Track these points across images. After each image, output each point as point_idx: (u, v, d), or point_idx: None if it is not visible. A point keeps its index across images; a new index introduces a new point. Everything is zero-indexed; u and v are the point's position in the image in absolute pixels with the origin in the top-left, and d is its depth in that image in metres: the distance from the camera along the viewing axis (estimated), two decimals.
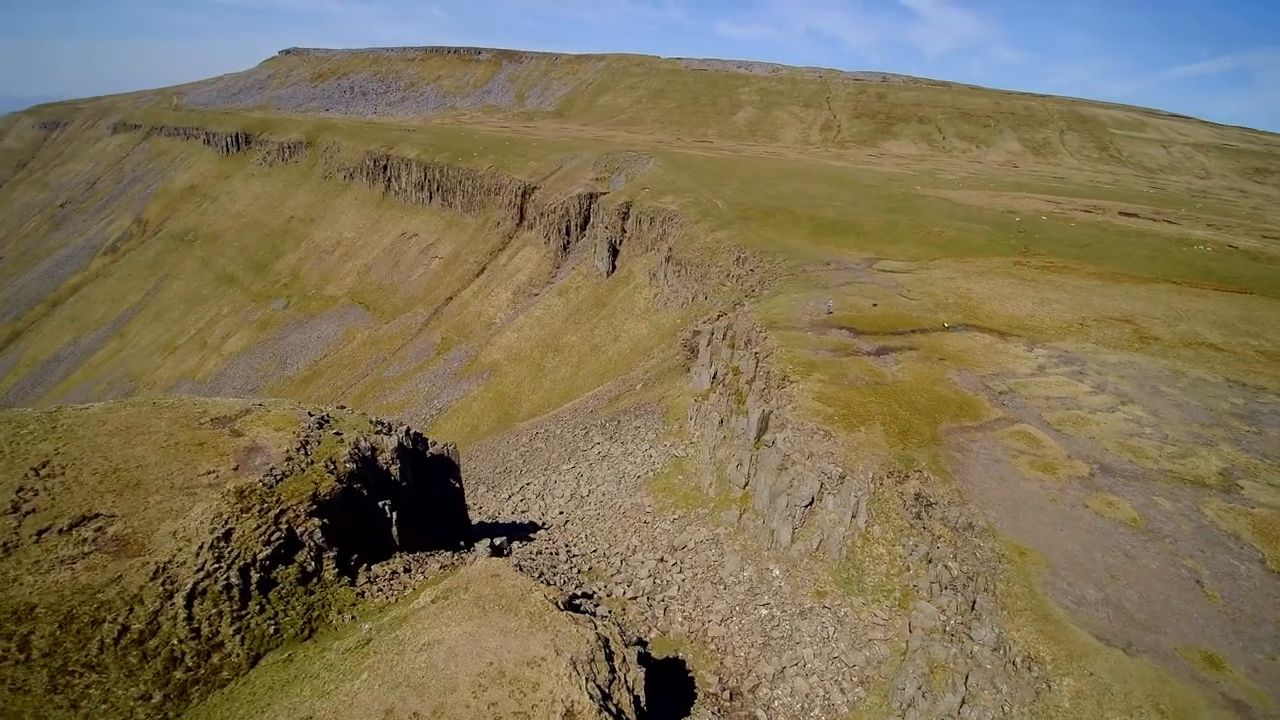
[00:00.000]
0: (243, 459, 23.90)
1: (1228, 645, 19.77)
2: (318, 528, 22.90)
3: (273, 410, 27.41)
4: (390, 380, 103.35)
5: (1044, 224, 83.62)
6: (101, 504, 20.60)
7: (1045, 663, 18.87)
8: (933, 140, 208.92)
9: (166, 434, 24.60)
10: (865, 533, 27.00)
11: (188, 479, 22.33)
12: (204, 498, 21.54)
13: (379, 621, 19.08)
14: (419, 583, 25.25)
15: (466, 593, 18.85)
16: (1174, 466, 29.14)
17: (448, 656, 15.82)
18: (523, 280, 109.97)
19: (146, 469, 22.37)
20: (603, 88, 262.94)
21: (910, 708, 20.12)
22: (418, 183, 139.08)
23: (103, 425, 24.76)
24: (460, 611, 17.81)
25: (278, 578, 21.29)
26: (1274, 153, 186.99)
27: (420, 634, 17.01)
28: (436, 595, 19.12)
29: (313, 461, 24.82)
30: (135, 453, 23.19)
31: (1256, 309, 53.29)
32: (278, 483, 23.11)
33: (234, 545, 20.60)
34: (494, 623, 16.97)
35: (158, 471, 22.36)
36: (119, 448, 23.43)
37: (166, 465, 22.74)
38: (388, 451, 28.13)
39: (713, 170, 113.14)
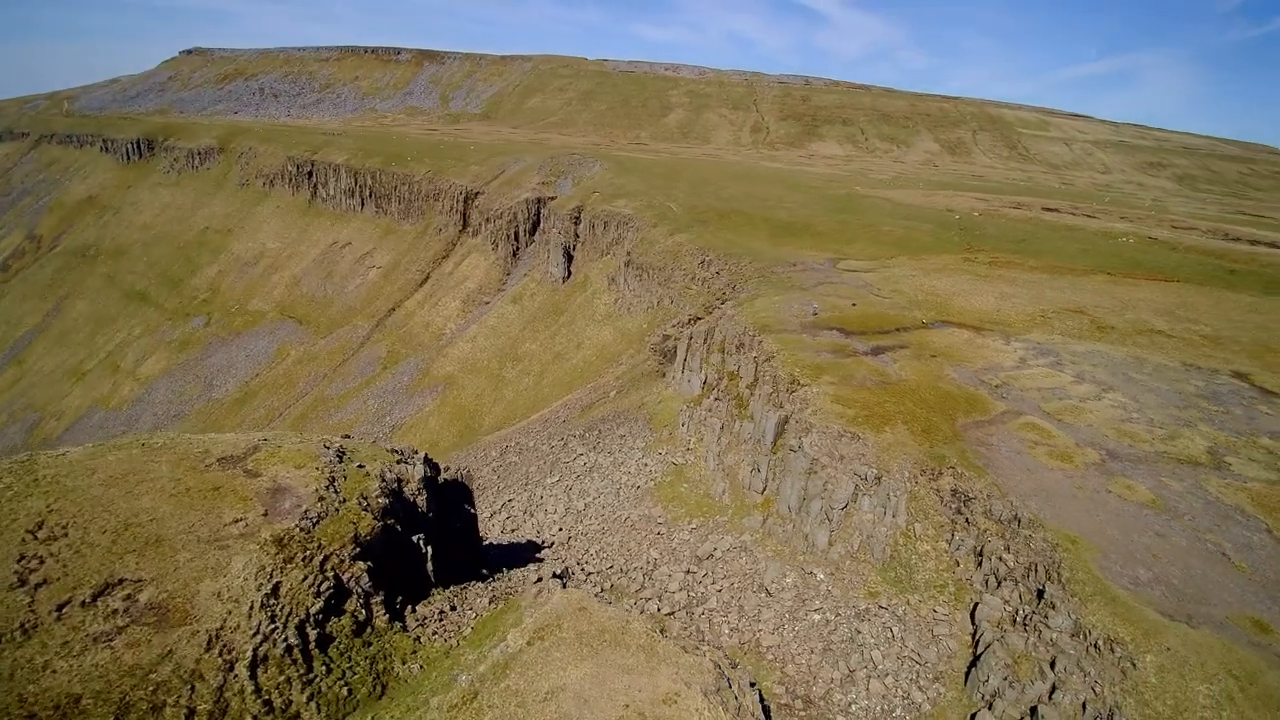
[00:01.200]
0: (270, 503, 21.71)
1: (1267, 610, 21.16)
2: (364, 571, 21.07)
3: (284, 445, 25.10)
4: (334, 399, 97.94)
5: (980, 221, 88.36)
6: (123, 567, 18.15)
7: (1126, 643, 19.60)
8: (856, 141, 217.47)
9: (171, 480, 22.06)
10: (906, 531, 27.39)
11: (214, 530, 20.04)
12: (240, 550, 19.36)
13: (474, 671, 17.63)
14: (470, 620, 23.68)
15: (563, 630, 17.69)
16: (1167, 448, 31.12)
17: (578, 704, 14.72)
18: (472, 288, 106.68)
19: (163, 522, 19.93)
20: (531, 89, 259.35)
21: (997, 698, 20.46)
22: (348, 189, 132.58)
23: (93, 475, 21.95)
24: (569, 652, 16.66)
25: (333, 631, 19.39)
26: (1164, 148, 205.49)
27: (536, 682, 15.78)
28: (530, 635, 17.86)
29: (345, 500, 22.85)
30: (143, 504, 20.63)
31: (1187, 296, 58.10)
32: (315, 526, 21.12)
33: (284, 601, 18.60)
34: (609, 660, 15.95)
35: (176, 524, 19.96)
36: (122, 500, 20.79)
37: (185, 516, 20.34)
38: (414, 482, 26.30)
39: (661, 173, 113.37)
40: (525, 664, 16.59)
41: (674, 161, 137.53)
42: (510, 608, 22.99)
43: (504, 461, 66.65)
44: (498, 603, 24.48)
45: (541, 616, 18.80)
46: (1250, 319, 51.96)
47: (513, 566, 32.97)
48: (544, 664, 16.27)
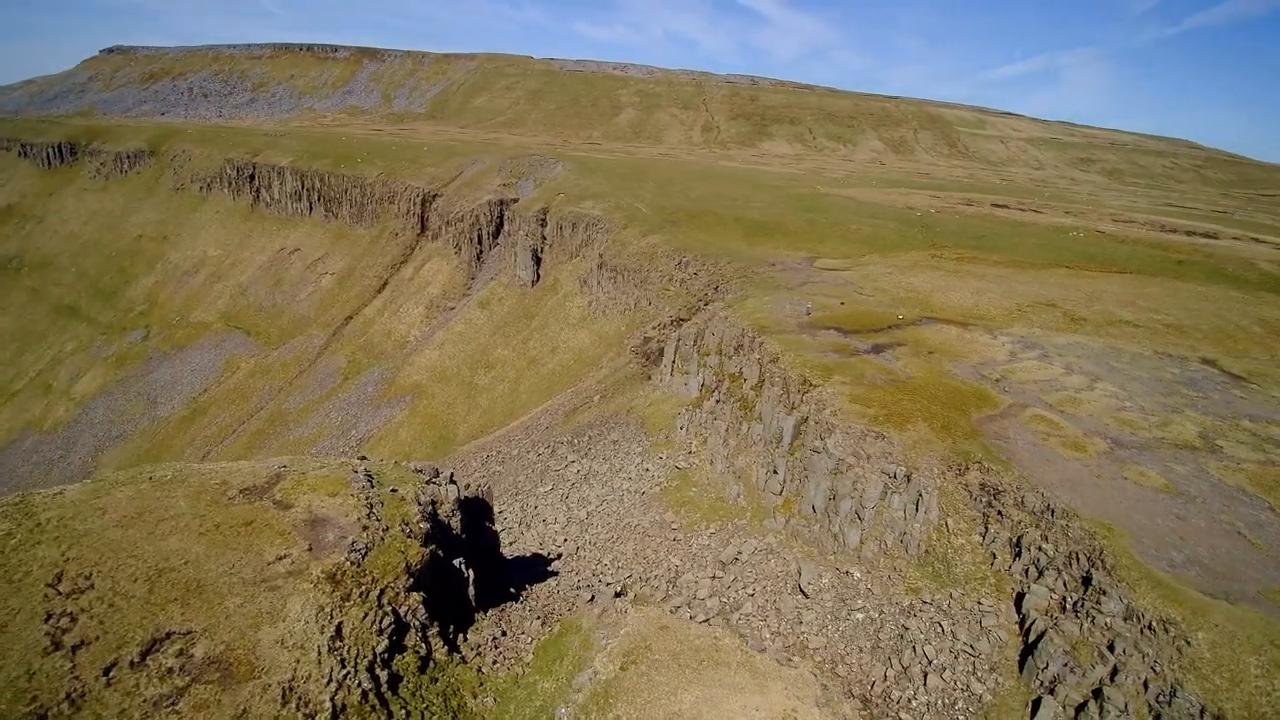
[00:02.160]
0: (311, 536, 20.31)
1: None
2: (419, 603, 19.97)
3: (309, 472, 23.61)
4: (293, 413, 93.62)
5: (939, 218, 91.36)
6: (168, 619, 16.62)
7: (1178, 622, 20.37)
8: (805, 140, 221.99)
9: (195, 516, 20.41)
10: (939, 526, 27.85)
11: (259, 570, 18.58)
12: (293, 590, 17.99)
13: (571, 702, 16.85)
14: (527, 644, 22.74)
15: (654, 652, 17.10)
16: (1164, 434, 32.68)
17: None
18: (435, 294, 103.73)
19: (199, 565, 18.37)
20: (477, 88, 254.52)
21: (1058, 684, 20.96)
22: (294, 192, 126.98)
23: (104, 515, 20.11)
24: (671, 675, 16.10)
25: (400, 670, 18.26)
26: (1093, 144, 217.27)
27: (648, 710, 15.17)
28: (621, 660, 17.19)
29: (388, 527, 21.63)
30: (172, 546, 18.99)
31: (1143, 287, 61.43)
32: (364, 558, 19.89)
33: (349, 642, 17.40)
34: (715, 680, 15.48)
35: (215, 566, 18.43)
36: (146, 542, 19.08)
37: (222, 556, 18.80)
38: (447, 504, 25.16)
39: (624, 174, 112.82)
40: (629, 691, 15.95)
41: (637, 162, 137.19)
42: (569, 629, 22.20)
43: (487, 471, 65.00)
44: (550, 624, 23.62)
45: (626, 639, 18.16)
46: (1204, 307, 55.34)
47: (532, 582, 32.05)
48: (649, 690, 15.68)
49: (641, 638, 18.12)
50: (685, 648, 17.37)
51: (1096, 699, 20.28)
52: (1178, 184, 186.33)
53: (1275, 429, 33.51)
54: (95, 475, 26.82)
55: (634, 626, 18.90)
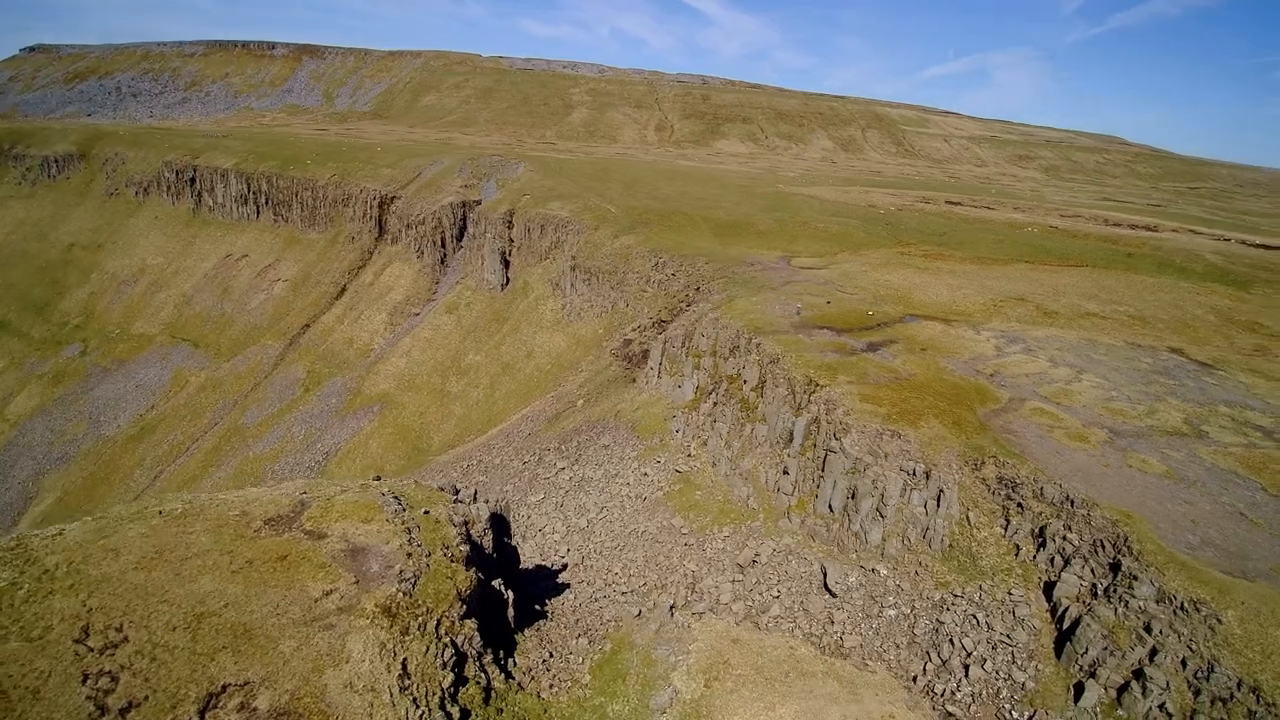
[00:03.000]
0: (354, 566, 19.21)
1: None
2: (474, 631, 19.14)
3: (336, 497, 22.41)
4: (251, 428, 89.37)
5: (900, 216, 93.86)
6: (220, 670, 15.42)
7: (1208, 602, 21.28)
8: (758, 139, 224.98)
9: (222, 553, 19.07)
10: (961, 521, 28.43)
11: (307, 608, 17.44)
12: (350, 628, 16.92)
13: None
14: (580, 665, 22.07)
15: (736, 666, 16.79)
16: (1154, 422, 34.24)
17: None
18: (398, 299, 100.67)
19: (241, 607, 17.12)
20: (424, 87, 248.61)
21: (1099, 667, 21.62)
22: (239, 196, 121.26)
23: (118, 557, 18.58)
24: (762, 690, 15.81)
25: (466, 703, 17.44)
26: (1030, 141, 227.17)
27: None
28: (705, 677, 16.78)
29: (430, 553, 20.69)
30: (204, 587, 17.66)
31: (1101, 280, 64.47)
32: (414, 588, 18.94)
33: (416, 680, 16.49)
34: (808, 692, 15.27)
35: (258, 607, 17.21)
36: (174, 585, 17.69)
37: (264, 595, 17.57)
38: (480, 523, 24.26)
39: (589, 175, 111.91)
40: (723, 710, 15.60)
41: (599, 162, 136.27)
42: (622, 646, 21.66)
43: (469, 482, 63.31)
44: (597, 642, 23.03)
45: (701, 655, 17.77)
46: (1160, 298, 58.44)
47: (549, 596, 31.31)
48: (744, 707, 15.35)
49: (717, 653, 17.80)
50: (765, 660, 17.14)
51: (1138, 679, 21.01)
52: (1111, 179, 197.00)
53: (1250, 414, 35.53)
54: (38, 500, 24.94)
55: (706, 641, 18.56)
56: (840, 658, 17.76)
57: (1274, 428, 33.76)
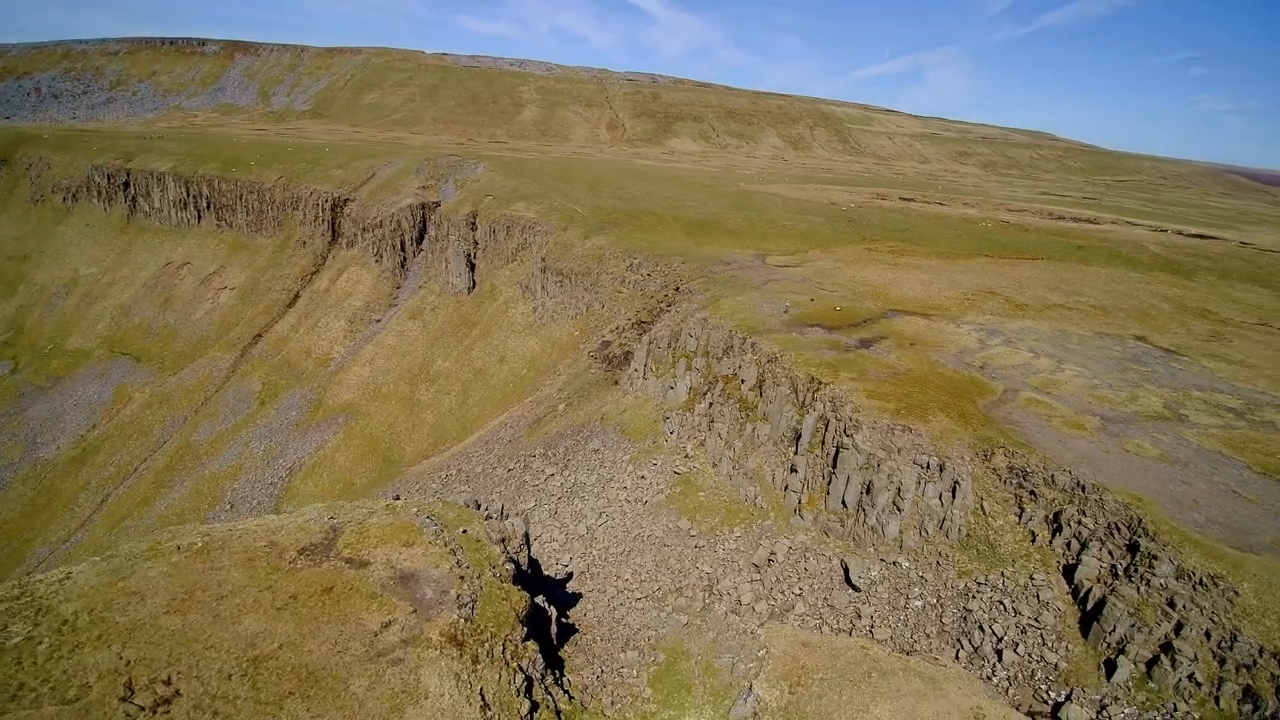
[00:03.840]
0: (407, 594, 18.30)
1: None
2: (536, 652, 18.49)
3: (369, 520, 21.36)
4: (204, 445, 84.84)
5: (861, 213, 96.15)
6: (292, 718, 14.39)
7: (1225, 576, 22.44)
8: (709, 138, 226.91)
9: (261, 588, 17.90)
10: (976, 510, 29.21)
11: (368, 643, 16.50)
12: (419, 660, 16.06)
13: None
14: (636, 679, 21.62)
15: (815, 669, 16.70)
16: (1137, 408, 35.99)
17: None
18: (358, 305, 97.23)
19: (297, 646, 16.08)
20: (366, 84, 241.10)
21: (1127, 643, 22.53)
22: (178, 200, 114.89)
23: (143, 600, 17.24)
24: (849, 692, 15.74)
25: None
26: (967, 138, 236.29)
27: None
28: (787, 683, 16.61)
29: (480, 574, 19.93)
30: (250, 628, 16.52)
31: (1059, 272, 67.54)
32: (473, 613, 18.17)
33: (495, 709, 15.81)
34: (893, 690, 15.30)
35: (316, 645, 16.20)
36: (216, 627, 16.50)
37: (318, 632, 16.55)
38: (516, 539, 23.52)
39: (551, 174, 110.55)
40: (819, 715, 15.46)
41: (559, 161, 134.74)
42: (678, 656, 21.31)
43: (450, 492, 61.81)
44: (647, 653, 22.64)
45: (778, 660, 17.61)
46: (1116, 288, 61.61)
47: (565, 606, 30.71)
48: (840, 710, 15.27)
49: (792, 658, 17.71)
50: (842, 661, 17.16)
51: (1166, 653, 21.99)
52: (1045, 173, 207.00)
53: (1220, 396, 37.76)
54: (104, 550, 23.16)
55: (778, 646, 18.42)
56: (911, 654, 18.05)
57: (1244, 409, 35.95)
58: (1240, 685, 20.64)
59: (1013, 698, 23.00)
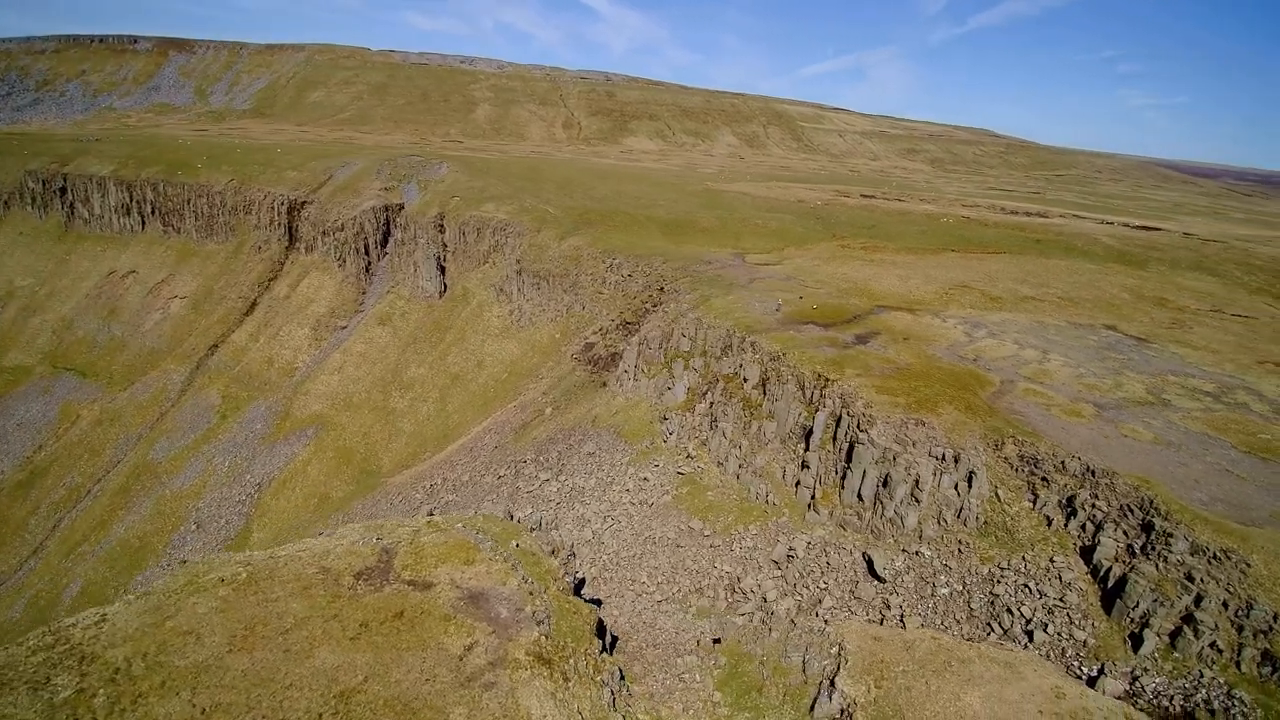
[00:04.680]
0: (482, 614, 17.88)
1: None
2: (615, 665, 18.31)
3: (421, 539, 20.79)
4: (163, 462, 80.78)
5: (828, 210, 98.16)
6: None
7: (1236, 550, 23.89)
8: (665, 136, 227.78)
9: (327, 618, 17.24)
10: (991, 499, 30.29)
11: (455, 668, 16.07)
12: (514, 682, 15.71)
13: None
14: (698, 684, 21.56)
15: (894, 663, 17.04)
16: (1123, 394, 37.88)
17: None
18: (321, 312, 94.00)
19: (383, 677, 15.54)
20: (310, 82, 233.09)
21: (1151, 616, 23.75)
22: (120, 206, 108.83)
23: (199, 640, 16.42)
24: (935, 682, 16.10)
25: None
26: (914, 135, 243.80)
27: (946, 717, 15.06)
28: (873, 676, 16.88)
29: (546, 588, 19.59)
30: (326, 661, 15.90)
31: (1023, 265, 70.42)
32: (550, 629, 17.85)
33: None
34: (975, 676, 15.73)
35: (404, 674, 15.69)
36: (288, 663, 15.83)
37: (400, 660, 16.02)
38: (564, 551, 23.22)
39: (518, 174, 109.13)
40: (913, 707, 15.77)
41: (525, 161, 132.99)
42: (741, 658, 21.38)
43: (438, 502, 60.54)
44: (706, 657, 22.64)
45: (857, 656, 17.87)
46: (1077, 280, 64.69)
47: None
48: (933, 700, 15.62)
49: (869, 652, 18.04)
50: (919, 652, 17.58)
51: (1188, 624, 23.30)
52: (989, 169, 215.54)
53: (1194, 381, 40.09)
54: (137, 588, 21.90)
55: (853, 642, 18.68)
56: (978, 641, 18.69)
57: (1218, 392, 38.28)
58: (1259, 649, 22.02)
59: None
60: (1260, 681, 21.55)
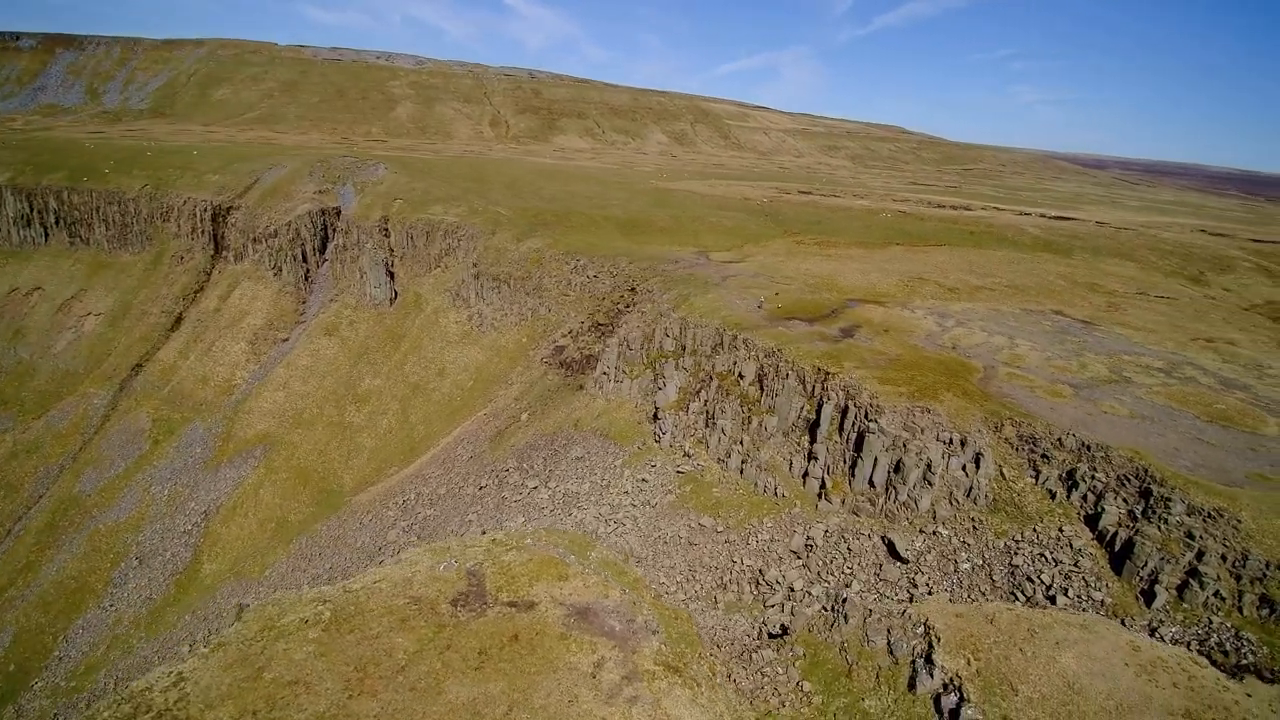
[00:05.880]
0: (596, 629, 17.78)
1: (1256, 468, 30.27)
2: (725, 665, 18.53)
3: (505, 558, 20.41)
4: (92, 495, 74.19)
5: (774, 207, 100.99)
6: None
7: (1226, 508, 26.66)
8: (595, 134, 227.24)
9: (441, 649, 16.81)
10: (997, 477, 32.42)
11: (592, 686, 16.04)
12: (656, 694, 15.72)
13: (952, 705, 17.08)
14: (780, 677, 22.03)
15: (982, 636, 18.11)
16: (1090, 374, 41.22)
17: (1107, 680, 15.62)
18: (258, 325, 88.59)
19: (527, 704, 15.41)
20: (213, 79, 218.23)
21: (1160, 573, 26.15)
22: (19, 217, 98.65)
23: (312, 689, 15.66)
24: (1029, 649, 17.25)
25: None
26: (833, 133, 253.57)
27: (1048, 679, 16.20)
28: (967, 652, 17.86)
29: (642, 598, 19.60)
30: (459, 695, 15.58)
31: (965, 256, 74.98)
32: (665, 636, 17.92)
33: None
34: (1061, 640, 16.97)
35: (545, 699, 15.54)
36: (419, 701, 15.48)
37: (534, 684, 15.82)
38: (633, 557, 23.17)
39: (462, 175, 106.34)
40: (1017, 674, 16.83)
41: (464, 161, 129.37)
42: (818, 646, 21.97)
43: (416, 518, 58.74)
44: (783, 649, 23.14)
45: (948, 632, 18.83)
46: (1016, 268, 69.55)
47: None
48: (1031, 666, 16.72)
49: (956, 629, 19.05)
50: (1001, 623, 18.74)
51: (1193, 577, 25.87)
52: (905, 165, 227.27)
53: (1145, 359, 44.09)
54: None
55: (939, 620, 19.65)
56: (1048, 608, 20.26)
57: (1168, 368, 42.30)
58: (1257, 595, 24.73)
59: None
60: (1261, 622, 24.19)
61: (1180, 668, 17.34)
